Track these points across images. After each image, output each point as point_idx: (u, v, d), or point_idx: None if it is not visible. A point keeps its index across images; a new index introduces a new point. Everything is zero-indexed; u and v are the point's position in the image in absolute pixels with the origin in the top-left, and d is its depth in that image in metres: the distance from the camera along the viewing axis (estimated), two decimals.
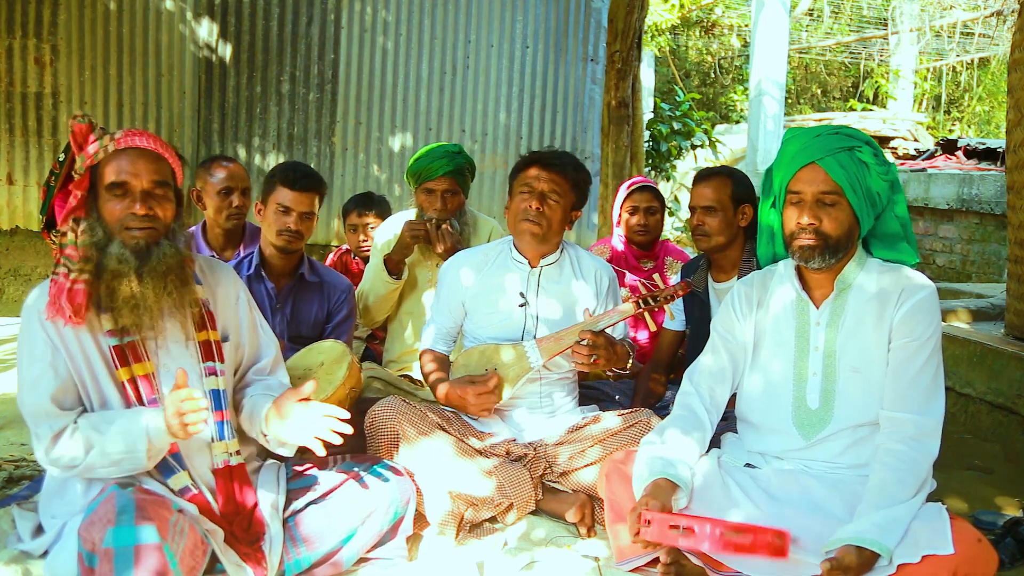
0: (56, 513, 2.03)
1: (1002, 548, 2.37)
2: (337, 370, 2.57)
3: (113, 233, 1.97)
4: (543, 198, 2.62)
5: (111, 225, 1.98)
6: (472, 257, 2.81)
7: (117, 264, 1.95)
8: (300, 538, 2.14)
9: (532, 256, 2.73)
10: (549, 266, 2.74)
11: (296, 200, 2.84)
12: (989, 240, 6.71)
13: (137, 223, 1.97)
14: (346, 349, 2.67)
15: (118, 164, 1.97)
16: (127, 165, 1.97)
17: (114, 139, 1.98)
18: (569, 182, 2.66)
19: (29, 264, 5.95)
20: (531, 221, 2.62)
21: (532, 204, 2.61)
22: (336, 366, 2.59)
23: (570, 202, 2.68)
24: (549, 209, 2.63)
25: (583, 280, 2.77)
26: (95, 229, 1.97)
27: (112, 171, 1.97)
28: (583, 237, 5.88)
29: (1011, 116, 3.89)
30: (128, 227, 1.97)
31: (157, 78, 5.74)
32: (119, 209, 1.97)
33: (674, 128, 9.38)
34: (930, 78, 15.46)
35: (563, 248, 2.78)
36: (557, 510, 2.56)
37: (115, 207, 1.97)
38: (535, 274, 2.73)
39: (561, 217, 2.66)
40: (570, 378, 2.82)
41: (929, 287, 2.06)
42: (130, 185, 1.97)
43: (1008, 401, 3.64)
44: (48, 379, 1.95)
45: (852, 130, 2.10)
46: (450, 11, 5.86)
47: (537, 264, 2.74)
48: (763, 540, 1.78)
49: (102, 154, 1.97)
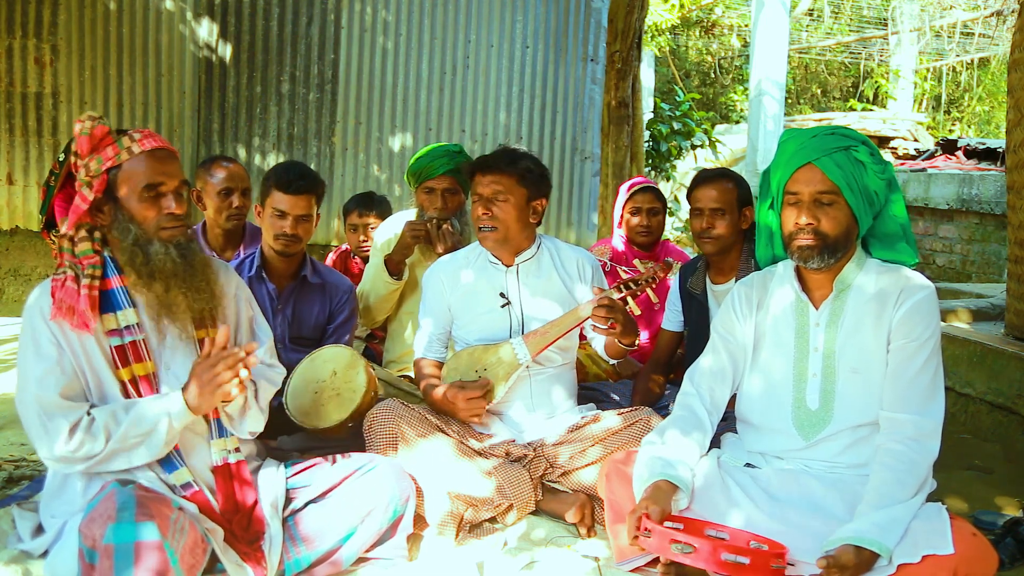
0: (56, 513, 2.03)
1: (1002, 548, 2.38)
2: (355, 377, 2.58)
3: (149, 234, 2.01)
4: (489, 202, 2.62)
5: (146, 226, 2.00)
6: (452, 262, 2.82)
7: (165, 263, 2.00)
8: (300, 537, 2.14)
9: (504, 257, 2.73)
10: (526, 262, 2.74)
11: (291, 203, 2.82)
12: (989, 240, 6.71)
13: (173, 222, 2.02)
14: (354, 353, 2.67)
15: (150, 165, 2.00)
16: (160, 166, 2.01)
17: (136, 140, 2.00)
18: (512, 177, 2.62)
19: (29, 264, 5.95)
20: (485, 228, 2.63)
21: (480, 211, 2.62)
22: (352, 372, 2.60)
23: (522, 195, 2.64)
24: (499, 210, 2.61)
25: (565, 272, 2.77)
26: (127, 230, 2.00)
27: (145, 173, 1.99)
28: (583, 237, 5.88)
29: (1011, 116, 3.90)
30: (164, 227, 2.01)
31: (157, 78, 5.74)
32: (154, 210, 2.01)
33: (674, 128, 9.37)
34: (930, 78, 15.46)
35: (540, 243, 2.78)
36: (557, 510, 2.56)
37: (149, 208, 2.00)
38: (512, 272, 2.74)
39: (517, 214, 2.64)
40: (566, 375, 2.82)
41: (928, 287, 2.06)
42: (165, 186, 2.01)
43: (1008, 401, 3.64)
44: (56, 375, 1.95)
45: (848, 130, 2.11)
46: (450, 11, 5.86)
47: (512, 263, 2.73)
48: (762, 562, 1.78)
49: (125, 155, 1.98)
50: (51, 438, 1.93)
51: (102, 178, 1.97)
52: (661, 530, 1.84)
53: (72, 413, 1.94)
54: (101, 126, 1.98)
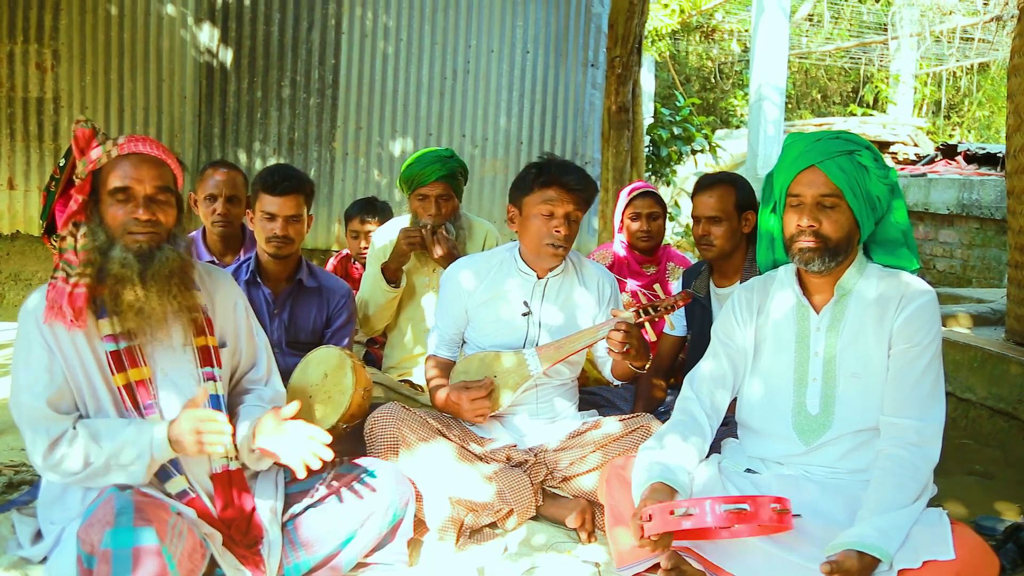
0: (55, 519, 2.03)
1: (1003, 554, 2.37)
2: (343, 379, 2.55)
3: (115, 238, 1.98)
4: (572, 223, 2.61)
5: (113, 230, 1.99)
6: (474, 264, 2.80)
7: (120, 268, 1.96)
8: (299, 542, 2.14)
9: (540, 269, 2.73)
10: (555, 276, 2.74)
11: (279, 205, 2.80)
12: (989, 245, 6.72)
13: (140, 228, 1.98)
14: (341, 352, 2.64)
15: (122, 169, 1.98)
16: (131, 171, 1.98)
17: (117, 144, 2.00)
18: (588, 204, 2.65)
19: (29, 269, 5.95)
20: (558, 247, 2.60)
21: (560, 230, 2.59)
22: (340, 373, 2.57)
23: (582, 218, 2.68)
24: (571, 231, 2.63)
25: (586, 288, 2.77)
26: (97, 233, 1.98)
27: (116, 176, 1.98)
28: (583, 242, 5.88)
29: (1011, 121, 3.90)
30: (130, 231, 1.98)
31: (158, 83, 5.76)
32: (122, 214, 1.98)
33: (674, 133, 9.38)
34: (930, 83, 15.49)
35: (567, 257, 2.78)
36: (557, 516, 2.55)
37: (118, 212, 1.98)
38: (541, 284, 2.73)
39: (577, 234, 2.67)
40: (571, 385, 2.82)
41: (929, 293, 2.06)
42: (133, 190, 1.98)
43: (1009, 406, 3.64)
44: (44, 383, 1.95)
45: (852, 135, 2.11)
46: (450, 16, 5.87)
47: (544, 276, 2.73)
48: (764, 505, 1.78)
49: (105, 159, 1.98)
50: (33, 445, 1.94)
51: (87, 180, 1.98)
52: (659, 507, 1.84)
53: (55, 426, 1.94)
54: (84, 129, 1.98)
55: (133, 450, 1.93)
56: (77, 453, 1.92)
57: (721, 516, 1.76)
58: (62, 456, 1.92)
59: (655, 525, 1.84)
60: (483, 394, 2.57)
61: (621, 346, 2.45)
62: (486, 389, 2.58)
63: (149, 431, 1.95)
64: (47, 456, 1.93)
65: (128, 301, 1.97)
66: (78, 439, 1.93)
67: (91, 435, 1.94)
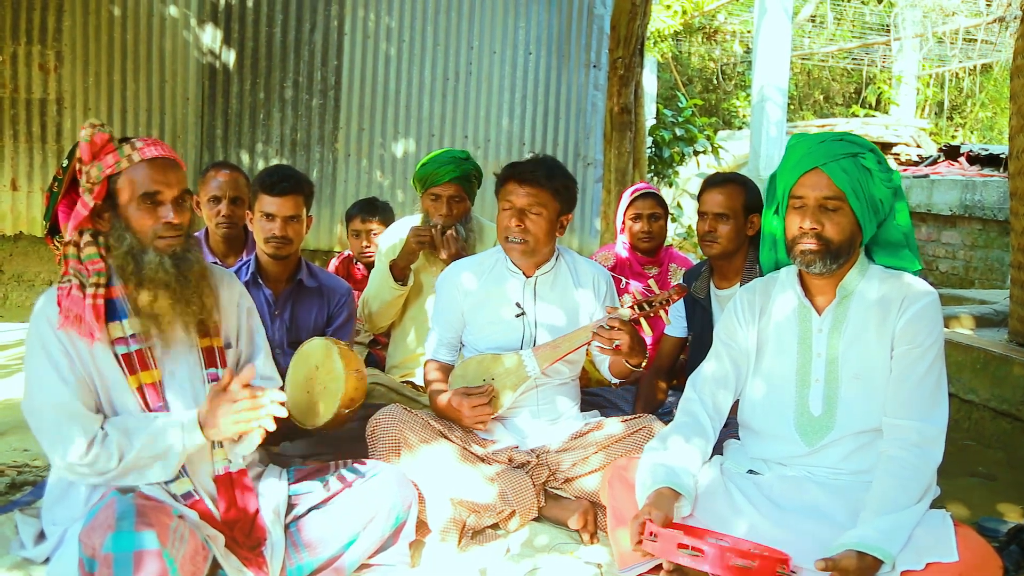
0: (58, 519, 2.03)
1: (1006, 555, 2.37)
2: (333, 366, 2.52)
3: (145, 243, 2.00)
4: (523, 214, 2.60)
5: (142, 235, 2.00)
6: (468, 267, 2.81)
7: (157, 272, 1.99)
8: (302, 543, 2.14)
9: (525, 267, 2.73)
10: (545, 275, 2.74)
11: (278, 205, 2.81)
12: (992, 246, 6.71)
13: (170, 232, 2.02)
14: (325, 341, 2.59)
15: (148, 174, 1.99)
16: (158, 175, 2.00)
17: (136, 148, 2.00)
18: (548, 191, 2.61)
19: (33, 270, 5.96)
20: (515, 240, 2.61)
21: (513, 222, 2.59)
22: (329, 362, 2.52)
23: (554, 210, 2.63)
24: (531, 223, 2.60)
25: (581, 286, 2.76)
26: (123, 238, 2.00)
27: (144, 181, 1.99)
28: (585, 243, 5.88)
29: (1014, 122, 3.90)
30: (161, 236, 2.01)
31: (161, 84, 5.77)
32: (151, 219, 2.00)
33: (676, 134, 9.38)
34: (933, 84, 15.47)
35: (558, 255, 2.77)
36: (560, 517, 2.55)
37: (146, 217, 2.00)
38: (531, 283, 2.73)
39: (547, 228, 2.63)
40: (571, 384, 2.81)
41: (931, 294, 2.06)
42: (163, 195, 2.01)
43: (1012, 408, 3.63)
44: (72, 383, 1.96)
45: (856, 137, 2.10)
46: (453, 17, 5.88)
47: (532, 274, 2.73)
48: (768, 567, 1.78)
49: (125, 163, 1.99)
50: (65, 446, 1.93)
51: (102, 185, 1.98)
52: (668, 534, 1.84)
53: (90, 424, 1.95)
54: (102, 134, 1.98)
55: (164, 443, 1.95)
56: (111, 451, 1.93)
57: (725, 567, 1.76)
58: (97, 455, 1.93)
59: (657, 548, 1.84)
60: (484, 401, 2.57)
61: (609, 342, 2.45)
62: (487, 396, 2.58)
63: (180, 424, 1.97)
64: (84, 454, 1.92)
65: (162, 305, 2.00)
66: (109, 438, 1.94)
67: (121, 431, 1.95)
